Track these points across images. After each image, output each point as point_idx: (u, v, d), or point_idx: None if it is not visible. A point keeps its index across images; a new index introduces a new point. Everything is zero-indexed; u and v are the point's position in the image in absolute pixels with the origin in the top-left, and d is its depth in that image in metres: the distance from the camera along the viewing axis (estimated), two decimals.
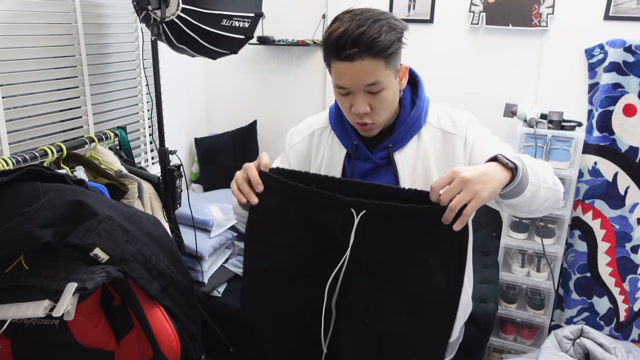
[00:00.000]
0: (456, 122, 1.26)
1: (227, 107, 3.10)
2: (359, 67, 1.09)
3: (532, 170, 1.06)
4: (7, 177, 1.13)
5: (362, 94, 1.13)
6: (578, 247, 2.38)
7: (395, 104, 1.20)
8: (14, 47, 1.73)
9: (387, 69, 1.11)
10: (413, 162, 1.24)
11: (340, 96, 1.17)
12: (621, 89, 2.22)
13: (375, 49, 1.07)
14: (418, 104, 1.24)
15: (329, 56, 1.13)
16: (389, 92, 1.15)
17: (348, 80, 1.12)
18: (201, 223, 2.37)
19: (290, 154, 1.38)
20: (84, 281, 0.97)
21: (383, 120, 1.19)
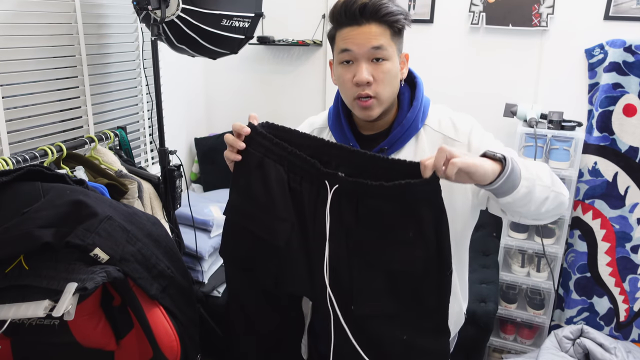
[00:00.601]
0: (458, 126, 1.22)
1: (227, 107, 3.10)
2: (366, 29, 1.11)
3: (524, 166, 1.03)
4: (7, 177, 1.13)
5: (366, 62, 1.13)
6: (578, 247, 2.38)
7: (395, 86, 1.19)
8: (14, 47, 1.73)
9: (392, 41, 1.14)
10: None
11: (342, 68, 1.17)
12: (621, 89, 2.22)
13: (383, 12, 1.10)
14: (415, 105, 1.22)
15: (336, 24, 1.15)
16: (393, 65, 1.15)
17: (353, 42, 1.12)
18: (201, 223, 2.37)
19: None
20: (84, 281, 0.97)
21: (385, 98, 1.17)
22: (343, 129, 1.26)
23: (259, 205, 1.09)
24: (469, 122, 1.24)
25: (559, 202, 1.10)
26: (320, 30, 2.76)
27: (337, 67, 1.19)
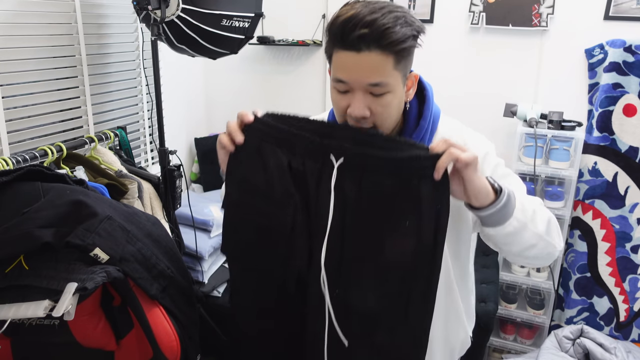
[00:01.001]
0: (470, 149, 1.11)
1: (227, 107, 3.10)
2: (365, 59, 0.95)
3: (522, 207, 0.99)
4: (7, 177, 1.13)
5: (363, 93, 0.99)
6: (578, 247, 2.38)
7: (398, 113, 1.06)
8: (14, 47, 1.73)
9: (396, 69, 0.98)
10: None
11: (336, 94, 1.04)
12: (621, 89, 2.22)
13: (387, 40, 0.94)
14: (422, 124, 1.10)
15: (332, 43, 0.99)
16: (394, 97, 1.01)
17: (349, 74, 0.98)
18: (201, 223, 2.37)
19: None
20: (84, 281, 0.97)
21: (385, 126, 1.05)
22: None
23: (259, 194, 1.04)
24: (483, 146, 1.13)
25: (547, 253, 1.07)
26: (320, 30, 2.76)
27: (332, 89, 1.05)
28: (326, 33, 1.01)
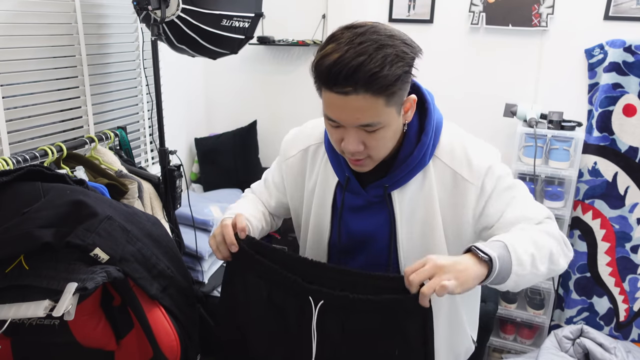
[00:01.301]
0: (473, 164, 1.07)
1: (227, 107, 3.10)
2: (354, 102, 0.91)
3: (518, 260, 0.95)
4: (7, 177, 1.13)
5: (355, 130, 0.97)
6: (578, 247, 2.38)
7: (394, 140, 1.04)
8: (14, 47, 1.73)
9: (388, 107, 0.94)
10: (414, 203, 1.09)
11: (329, 126, 1.02)
12: (621, 89, 2.22)
13: (375, 86, 0.89)
14: (423, 140, 1.06)
15: (319, 84, 0.97)
16: (390, 130, 0.99)
17: (339, 115, 0.96)
18: (201, 223, 2.37)
19: (284, 168, 1.28)
20: (84, 281, 0.97)
21: (380, 157, 1.04)
22: (338, 155, 1.12)
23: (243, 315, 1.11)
24: (486, 158, 1.09)
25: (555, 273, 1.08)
26: (320, 31, 2.76)
27: (325, 119, 1.03)
28: (312, 70, 0.96)
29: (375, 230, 1.14)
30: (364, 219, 1.15)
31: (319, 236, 1.22)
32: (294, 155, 1.25)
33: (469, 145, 1.10)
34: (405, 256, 1.13)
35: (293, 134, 1.29)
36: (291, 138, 1.28)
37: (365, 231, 1.15)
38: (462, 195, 1.08)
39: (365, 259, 1.18)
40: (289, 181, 1.28)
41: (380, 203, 1.12)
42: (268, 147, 3.02)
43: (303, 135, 1.26)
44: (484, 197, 1.07)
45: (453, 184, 1.08)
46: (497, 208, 1.08)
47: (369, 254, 1.17)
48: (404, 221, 1.11)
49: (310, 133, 1.24)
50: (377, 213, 1.13)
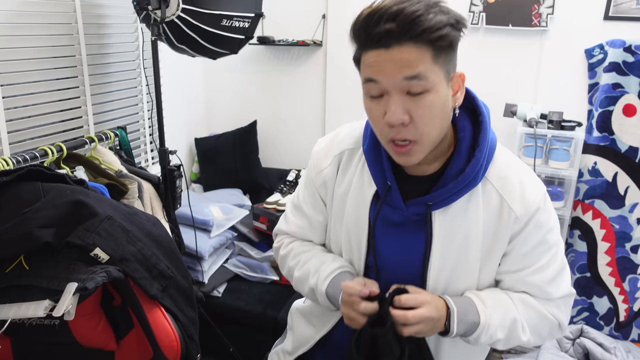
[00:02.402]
0: (526, 199, 0.98)
1: (227, 107, 3.10)
2: (397, 55, 0.82)
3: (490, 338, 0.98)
4: (7, 177, 1.13)
5: (399, 95, 0.85)
6: (578, 247, 2.38)
7: (445, 120, 0.91)
8: (15, 47, 1.73)
9: (436, 64, 0.84)
10: (454, 228, 0.99)
11: (369, 101, 0.90)
12: (621, 89, 2.22)
13: (419, 29, 0.80)
14: (477, 157, 0.94)
15: (358, 44, 0.88)
16: (437, 97, 0.86)
17: (380, 70, 0.84)
18: (201, 223, 2.37)
19: (317, 183, 1.13)
20: (84, 281, 0.97)
21: (429, 140, 0.90)
22: (381, 157, 1.01)
23: None
24: (540, 195, 1.00)
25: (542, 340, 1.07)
26: (320, 30, 2.76)
27: (364, 98, 0.92)
28: (351, 36, 0.88)
29: (408, 253, 1.03)
30: (398, 238, 1.03)
31: (356, 254, 1.09)
32: (328, 165, 1.10)
33: (525, 175, 1.02)
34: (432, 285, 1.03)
35: (325, 142, 1.14)
36: (323, 146, 1.14)
37: (397, 252, 1.04)
38: (504, 226, 0.99)
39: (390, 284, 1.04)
40: (324, 195, 1.14)
41: (418, 222, 1.01)
42: (268, 147, 3.02)
43: (337, 140, 1.12)
44: (520, 237, 1.00)
45: (499, 211, 0.99)
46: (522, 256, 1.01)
47: (398, 275, 1.05)
48: (439, 246, 1.00)
49: (346, 136, 1.11)
50: (413, 233, 1.01)
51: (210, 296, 2.30)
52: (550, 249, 1.03)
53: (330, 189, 1.11)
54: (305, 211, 1.18)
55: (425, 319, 0.93)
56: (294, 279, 1.17)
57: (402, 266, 1.05)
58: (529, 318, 1.02)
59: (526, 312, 1.02)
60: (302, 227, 1.19)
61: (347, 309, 0.98)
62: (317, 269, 1.10)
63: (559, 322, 1.06)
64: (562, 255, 1.06)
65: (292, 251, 1.20)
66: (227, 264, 2.49)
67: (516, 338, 1.02)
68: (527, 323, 1.02)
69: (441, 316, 0.96)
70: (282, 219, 1.26)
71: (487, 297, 1.01)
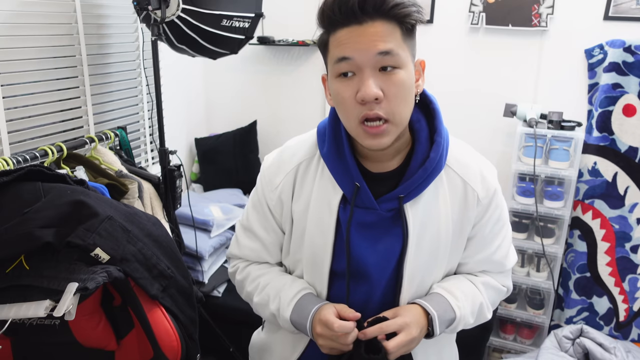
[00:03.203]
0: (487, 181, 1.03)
1: (227, 107, 3.10)
2: (370, 28, 0.85)
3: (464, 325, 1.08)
4: (7, 177, 1.13)
5: (372, 72, 0.86)
6: (578, 247, 2.38)
7: (411, 101, 0.92)
8: (15, 47, 1.73)
9: (405, 43, 0.88)
10: (426, 217, 1.00)
11: (340, 82, 0.90)
12: (621, 89, 2.22)
13: (391, 4, 0.84)
14: (438, 141, 0.98)
15: (328, 24, 0.89)
16: (407, 75, 0.88)
17: (354, 46, 0.85)
18: (201, 223, 2.37)
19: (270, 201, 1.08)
20: (84, 281, 0.97)
21: (400, 119, 0.91)
22: (345, 160, 0.99)
23: None
24: (495, 178, 1.05)
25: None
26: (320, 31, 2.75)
27: (333, 82, 0.92)
28: (319, 18, 0.90)
29: (384, 252, 1.03)
30: (375, 238, 1.02)
31: (319, 263, 1.06)
32: (281, 181, 1.06)
33: (480, 159, 1.06)
34: (408, 279, 1.04)
35: (274, 158, 1.11)
36: (273, 162, 1.10)
37: (373, 254, 1.03)
38: (469, 209, 1.03)
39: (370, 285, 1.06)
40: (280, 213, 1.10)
41: (392, 218, 1.00)
42: (268, 147, 3.02)
43: (288, 154, 1.09)
44: (484, 219, 1.05)
45: (464, 195, 1.02)
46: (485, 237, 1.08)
47: (374, 278, 1.05)
48: (415, 238, 1.00)
49: (297, 149, 1.08)
50: (388, 230, 1.01)
51: (210, 296, 2.30)
52: (504, 225, 1.11)
53: (287, 206, 1.07)
54: (256, 232, 1.14)
55: (408, 342, 0.98)
56: (253, 304, 1.15)
57: (379, 267, 1.04)
58: (490, 297, 1.13)
59: (487, 293, 1.12)
60: (255, 250, 1.16)
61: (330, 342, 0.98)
62: (277, 294, 1.08)
63: (507, 289, 1.19)
64: (509, 229, 1.13)
65: (249, 276, 1.16)
66: (227, 264, 2.49)
67: (482, 317, 1.12)
68: (490, 301, 1.13)
69: (423, 327, 1.01)
70: (233, 241, 1.21)
71: (456, 290, 1.06)
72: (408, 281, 1.04)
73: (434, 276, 1.08)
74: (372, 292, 1.06)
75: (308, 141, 1.08)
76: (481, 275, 1.14)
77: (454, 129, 2.69)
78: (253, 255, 1.17)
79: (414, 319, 1.00)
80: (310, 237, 1.05)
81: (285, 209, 1.08)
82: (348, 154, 0.99)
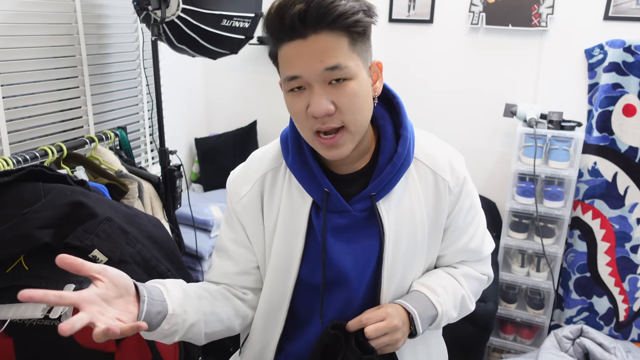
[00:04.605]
0: (455, 170, 1.02)
1: (227, 108, 3.10)
2: (314, 43, 0.81)
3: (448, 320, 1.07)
4: (9, 177, 1.14)
5: (321, 86, 0.83)
6: (578, 247, 2.38)
7: (368, 108, 0.90)
8: (15, 47, 1.74)
9: (354, 52, 0.84)
10: (400, 212, 0.99)
11: (292, 97, 0.87)
12: (621, 89, 2.22)
13: (332, 15, 0.79)
14: (405, 135, 0.96)
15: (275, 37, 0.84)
16: (359, 86, 0.85)
17: (300, 64, 0.82)
18: (201, 223, 2.38)
19: (239, 213, 1.05)
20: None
21: (357, 127, 0.88)
22: (310, 167, 0.96)
23: None
24: (463, 165, 1.05)
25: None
26: None
27: (285, 95, 0.89)
28: (264, 31, 0.85)
29: (364, 251, 1.01)
30: (351, 241, 1.00)
31: (285, 271, 1.02)
32: (248, 191, 1.03)
33: (446, 148, 1.05)
34: (387, 278, 1.01)
35: (239, 170, 1.08)
36: (238, 174, 1.07)
37: (354, 254, 1.00)
38: (442, 199, 1.02)
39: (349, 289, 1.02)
40: (250, 226, 1.05)
41: (367, 218, 0.98)
42: None
43: (253, 165, 1.06)
44: (456, 209, 1.04)
45: (435, 186, 1.01)
46: (459, 227, 1.07)
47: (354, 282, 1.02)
48: (392, 233, 0.98)
49: (262, 159, 1.06)
50: (364, 231, 0.99)
51: None
52: (477, 212, 1.09)
53: (256, 218, 1.04)
54: (228, 249, 1.08)
55: (392, 328, 0.96)
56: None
57: (358, 269, 1.02)
58: (471, 288, 1.13)
59: (468, 284, 1.12)
60: (226, 274, 1.07)
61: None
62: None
63: (488, 277, 1.18)
64: (482, 215, 1.12)
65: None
66: None
67: (466, 310, 1.13)
68: (472, 293, 1.13)
69: (405, 321, 0.99)
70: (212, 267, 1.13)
71: (435, 285, 1.06)
72: (387, 279, 1.01)
73: (414, 272, 1.06)
74: (352, 297, 1.02)
75: (272, 151, 1.05)
76: (460, 266, 1.13)
77: (454, 128, 2.68)
78: (224, 278, 1.08)
79: (396, 311, 0.99)
80: (278, 246, 1.02)
81: (253, 220, 1.04)
82: (312, 161, 0.96)
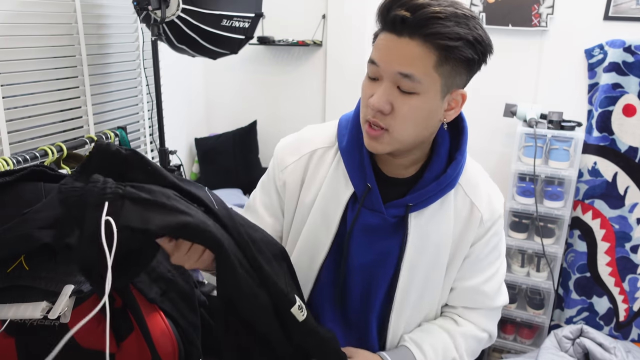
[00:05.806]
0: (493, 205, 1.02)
1: (227, 107, 3.10)
2: (403, 46, 0.82)
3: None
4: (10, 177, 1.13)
5: (389, 84, 0.85)
6: (578, 247, 2.38)
7: (424, 128, 0.90)
8: (15, 47, 1.73)
9: (436, 72, 0.83)
10: (428, 230, 0.99)
11: (367, 79, 0.90)
12: (621, 89, 2.22)
13: (429, 30, 0.79)
14: (458, 159, 0.97)
15: (378, 23, 0.87)
16: (424, 103, 0.85)
17: (382, 56, 0.85)
18: None
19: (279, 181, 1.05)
20: (80, 284, 0.98)
21: (401, 137, 0.88)
22: (362, 158, 0.97)
23: None
24: (501, 204, 1.04)
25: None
26: (320, 30, 2.76)
27: (364, 78, 0.92)
28: (376, 13, 0.87)
29: (383, 258, 1.00)
30: (375, 243, 1.00)
31: (311, 257, 1.03)
32: (295, 160, 1.03)
33: (491, 184, 1.05)
34: (401, 294, 1.01)
35: (291, 140, 1.08)
36: (290, 143, 1.07)
37: (374, 256, 1.00)
38: (471, 228, 1.01)
39: (361, 290, 1.03)
40: (288, 196, 1.05)
41: (393, 226, 0.98)
42: (268, 147, 3.02)
43: (305, 138, 1.06)
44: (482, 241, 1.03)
45: (469, 215, 1.01)
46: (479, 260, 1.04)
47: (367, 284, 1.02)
48: (413, 250, 0.98)
49: (316, 135, 1.06)
50: (388, 237, 0.99)
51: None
52: (500, 256, 1.08)
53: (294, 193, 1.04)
54: (258, 212, 1.09)
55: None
56: None
57: (376, 270, 1.02)
58: (467, 349, 1.07)
59: (466, 344, 1.07)
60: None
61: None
62: None
63: (490, 335, 1.12)
64: (505, 265, 1.11)
65: None
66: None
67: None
68: (467, 354, 1.07)
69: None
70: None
71: (426, 344, 1.03)
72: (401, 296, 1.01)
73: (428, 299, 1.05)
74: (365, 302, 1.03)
75: (328, 130, 1.05)
76: (463, 322, 1.09)
77: None
78: None
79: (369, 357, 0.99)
80: (311, 228, 1.02)
81: (289, 194, 1.04)
82: (365, 152, 0.96)
